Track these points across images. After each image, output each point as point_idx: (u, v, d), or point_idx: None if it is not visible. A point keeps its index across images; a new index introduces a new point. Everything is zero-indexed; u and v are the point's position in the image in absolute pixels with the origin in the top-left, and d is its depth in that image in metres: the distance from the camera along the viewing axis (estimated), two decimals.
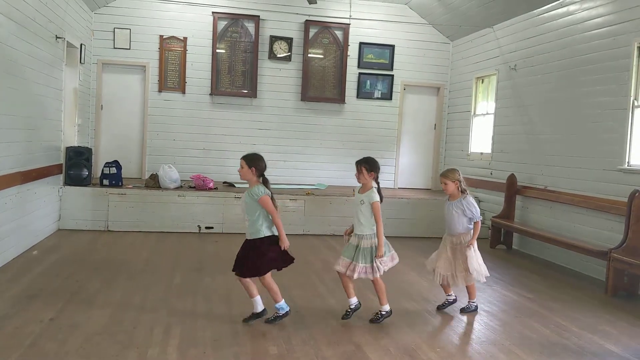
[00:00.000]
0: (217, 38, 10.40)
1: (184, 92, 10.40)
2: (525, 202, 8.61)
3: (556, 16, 8.10)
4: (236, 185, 9.61)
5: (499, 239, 8.76)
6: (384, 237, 4.90)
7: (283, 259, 4.65)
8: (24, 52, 6.47)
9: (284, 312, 4.65)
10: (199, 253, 7.34)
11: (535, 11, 8.56)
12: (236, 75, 10.58)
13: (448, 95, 11.38)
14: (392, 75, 11.12)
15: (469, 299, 5.34)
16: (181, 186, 8.96)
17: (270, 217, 4.57)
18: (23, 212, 6.66)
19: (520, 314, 5.36)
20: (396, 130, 11.28)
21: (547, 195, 8.01)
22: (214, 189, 9.03)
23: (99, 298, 5.11)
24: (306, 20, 10.66)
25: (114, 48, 10.10)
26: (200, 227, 8.65)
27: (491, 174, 9.64)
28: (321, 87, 10.92)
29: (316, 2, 9.58)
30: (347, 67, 10.90)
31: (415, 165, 11.50)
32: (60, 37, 7.81)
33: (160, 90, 10.32)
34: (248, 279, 4.59)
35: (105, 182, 8.62)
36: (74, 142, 8.84)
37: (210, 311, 4.91)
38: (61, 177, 8.27)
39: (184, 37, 10.31)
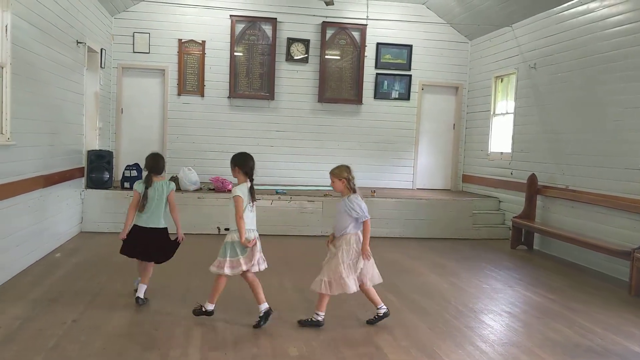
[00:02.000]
0: (234, 41, 10.45)
1: (202, 95, 10.47)
2: (546, 202, 8.51)
3: (576, 14, 8.00)
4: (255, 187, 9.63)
5: (519, 239, 8.68)
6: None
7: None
8: (46, 57, 6.57)
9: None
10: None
11: (554, 9, 8.47)
12: (254, 77, 10.62)
13: (467, 94, 11.31)
14: (410, 76, 11.08)
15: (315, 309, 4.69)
16: (200, 188, 9.03)
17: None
18: (46, 215, 6.76)
19: (543, 315, 5.30)
20: (414, 130, 11.23)
21: (569, 195, 7.91)
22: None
23: (121, 300, 5.16)
24: (323, 21, 10.67)
25: (134, 52, 10.21)
26: (219, 229, 8.69)
27: (511, 173, 9.55)
28: (338, 89, 10.91)
29: (333, 4, 9.58)
30: (365, 67, 10.88)
31: (434, 166, 11.44)
32: (81, 42, 7.91)
33: (179, 94, 10.41)
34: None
35: (126, 184, 8.70)
36: (95, 145, 8.95)
37: (230, 312, 4.93)
38: (83, 180, 8.38)
39: (202, 41, 10.38)
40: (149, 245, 5.13)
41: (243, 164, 4.93)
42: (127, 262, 6.64)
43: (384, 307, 4.80)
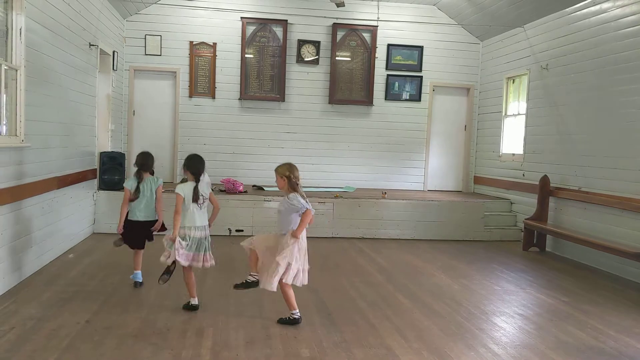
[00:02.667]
0: (245, 43, 10.48)
1: (213, 97, 10.51)
2: (559, 204, 8.46)
3: (589, 14, 7.95)
4: (265, 188, 9.67)
5: (532, 241, 8.63)
6: None
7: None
8: (59, 59, 6.63)
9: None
10: (230, 256, 7.40)
11: (567, 9, 8.42)
12: (264, 79, 10.65)
13: (478, 95, 11.27)
14: (421, 77, 11.06)
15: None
16: (212, 190, 9.02)
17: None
18: (59, 216, 6.82)
19: (555, 317, 5.26)
20: (425, 132, 11.20)
21: (581, 197, 7.85)
22: (244, 192, 9.10)
23: (133, 300, 5.19)
24: (334, 23, 10.68)
25: (145, 54, 10.27)
26: (230, 230, 8.72)
27: (523, 175, 9.50)
28: (349, 90, 10.91)
29: (344, 5, 9.58)
30: (375, 69, 10.88)
31: (445, 167, 11.40)
32: (93, 45, 7.98)
33: (190, 96, 10.46)
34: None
35: None
36: (108, 147, 9.01)
37: (241, 313, 4.95)
38: (95, 181, 8.45)
39: (213, 43, 10.42)
40: (148, 234, 5.77)
41: (190, 166, 5.23)
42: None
43: (298, 312, 4.76)
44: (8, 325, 4.38)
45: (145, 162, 5.79)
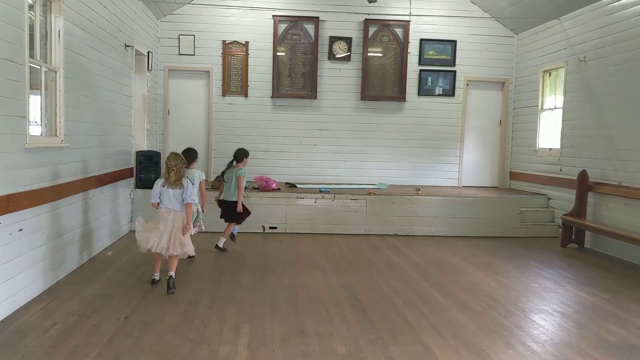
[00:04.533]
0: (277, 41, 10.52)
1: (246, 96, 10.59)
2: (598, 199, 8.26)
3: (627, 4, 7.72)
4: (298, 185, 9.70)
5: (570, 237, 8.44)
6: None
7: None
8: (96, 61, 6.77)
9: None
10: (264, 253, 7.45)
11: (604, 1, 8.20)
12: (296, 77, 10.67)
13: (513, 89, 11.07)
14: (455, 71, 10.92)
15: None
16: (245, 187, 9.09)
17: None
18: (98, 214, 6.96)
19: (596, 315, 5.14)
20: (459, 127, 11.07)
21: (622, 192, 7.65)
22: (277, 189, 9.14)
23: (171, 297, 5.27)
24: (365, 19, 10.63)
25: (179, 54, 10.41)
26: (264, 227, 8.77)
27: (561, 170, 9.31)
28: (381, 86, 10.85)
29: (376, 1, 9.52)
30: (408, 64, 10.79)
31: (481, 163, 11.25)
32: (129, 46, 8.11)
33: (223, 95, 10.55)
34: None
35: None
36: (144, 146, 9.16)
37: (277, 310, 4.97)
38: (132, 180, 8.60)
39: (245, 42, 10.49)
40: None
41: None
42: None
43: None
44: (51, 321, 4.50)
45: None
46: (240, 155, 7.24)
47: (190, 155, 6.61)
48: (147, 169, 8.67)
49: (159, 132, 10.43)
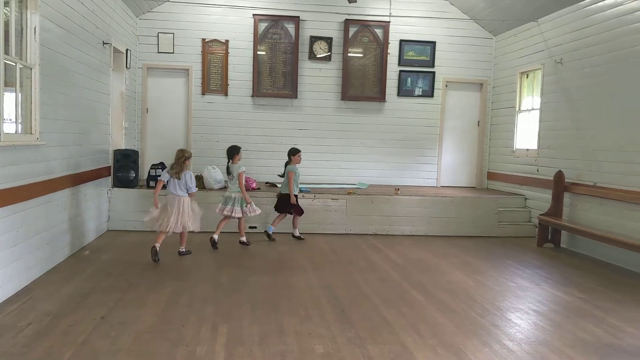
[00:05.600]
0: (258, 40, 10.50)
1: (226, 95, 10.54)
2: (574, 199, 8.38)
3: (604, 7, 7.85)
4: (278, 185, 9.67)
5: (546, 237, 8.56)
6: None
7: None
8: (74, 58, 6.68)
9: None
10: (244, 252, 7.42)
11: (581, 3, 8.33)
12: (277, 76, 10.65)
13: (491, 91, 11.19)
14: (434, 72, 11.00)
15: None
16: (225, 187, 9.06)
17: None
18: (74, 213, 6.87)
19: (572, 314, 5.22)
20: (438, 127, 11.15)
21: (597, 192, 7.78)
22: (257, 189, 9.11)
23: (148, 297, 5.22)
24: (346, 19, 10.65)
25: (158, 52, 10.32)
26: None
27: (537, 170, 9.43)
28: (361, 86, 10.89)
29: (356, 1, 9.54)
30: (388, 65, 10.84)
31: (459, 163, 11.35)
32: (107, 43, 8.02)
33: (203, 93, 10.49)
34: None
35: (152, 183, 8.79)
36: (122, 145, 9.07)
37: (256, 310, 4.96)
38: (110, 179, 8.50)
39: (225, 40, 10.44)
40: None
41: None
42: (154, 260, 6.73)
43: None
44: (25, 321, 4.43)
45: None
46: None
47: (230, 151, 7.69)
48: (124, 167, 8.58)
49: (137, 131, 10.33)
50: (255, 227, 8.70)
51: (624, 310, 5.38)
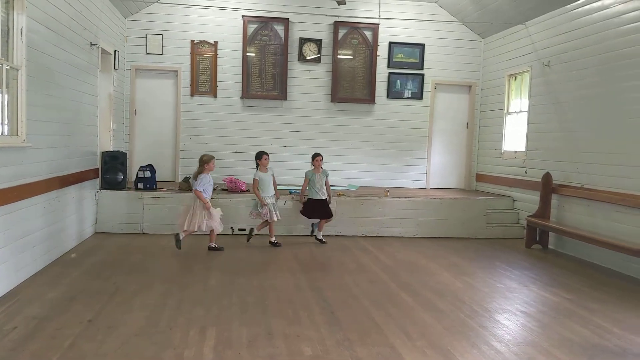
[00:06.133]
0: (247, 41, 10.48)
1: (215, 96, 10.51)
2: (561, 201, 8.44)
3: (591, 10, 7.92)
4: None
5: (534, 238, 8.61)
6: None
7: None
8: (61, 59, 6.63)
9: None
10: (233, 254, 7.40)
11: (568, 6, 8.39)
12: (266, 78, 10.64)
13: (480, 93, 11.25)
14: (423, 74, 11.04)
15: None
16: (214, 189, 9.02)
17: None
18: (61, 216, 6.82)
19: (559, 315, 5.25)
20: (427, 129, 11.19)
21: (584, 194, 7.84)
22: (246, 191, 9.09)
23: (136, 300, 5.19)
24: (335, 21, 10.67)
25: (147, 54, 10.27)
26: (233, 229, 8.71)
27: (526, 172, 9.48)
28: (351, 88, 10.90)
29: (345, 3, 9.56)
30: (377, 67, 10.87)
31: (448, 165, 11.39)
32: (94, 44, 7.97)
33: (192, 95, 10.46)
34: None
35: (140, 185, 8.76)
36: (109, 146, 9.01)
37: (245, 312, 4.94)
38: (97, 181, 8.45)
39: (214, 42, 10.42)
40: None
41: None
42: (142, 262, 6.73)
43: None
44: (11, 325, 4.38)
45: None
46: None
47: (256, 156, 8.01)
48: (113, 169, 8.52)
49: (126, 133, 10.27)
50: (245, 229, 8.67)
51: (610, 310, 5.42)
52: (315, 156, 8.42)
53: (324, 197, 8.35)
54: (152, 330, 4.41)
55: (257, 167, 7.98)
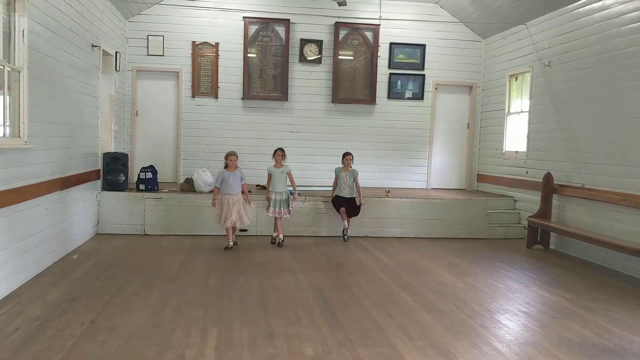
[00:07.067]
0: (248, 42, 10.50)
1: (216, 97, 10.53)
2: (562, 201, 8.44)
3: (591, 11, 7.93)
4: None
5: (535, 238, 8.62)
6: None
7: None
8: (62, 61, 6.65)
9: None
10: (234, 255, 7.41)
11: (569, 6, 8.40)
12: (267, 79, 10.66)
13: (481, 93, 11.25)
14: (424, 75, 11.05)
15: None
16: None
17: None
18: (63, 217, 6.84)
19: (559, 315, 5.25)
20: (428, 130, 11.20)
21: (585, 194, 7.84)
22: (248, 192, 9.07)
23: (137, 300, 5.20)
24: (336, 22, 10.68)
25: (148, 55, 10.29)
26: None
27: (527, 172, 9.49)
28: (352, 89, 10.91)
29: (346, 4, 9.57)
30: (378, 67, 10.88)
31: (449, 166, 11.40)
32: (96, 46, 7.99)
33: (193, 96, 10.47)
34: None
35: (142, 186, 8.78)
36: (111, 148, 9.03)
37: (245, 313, 4.95)
38: (99, 182, 8.47)
39: (215, 43, 10.44)
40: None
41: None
42: (143, 264, 6.75)
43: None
44: (13, 326, 4.40)
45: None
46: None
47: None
48: (114, 170, 8.54)
49: (127, 134, 10.28)
50: (246, 230, 8.69)
51: (609, 310, 5.43)
52: (345, 155, 8.73)
53: (349, 196, 8.61)
54: (153, 330, 4.42)
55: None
